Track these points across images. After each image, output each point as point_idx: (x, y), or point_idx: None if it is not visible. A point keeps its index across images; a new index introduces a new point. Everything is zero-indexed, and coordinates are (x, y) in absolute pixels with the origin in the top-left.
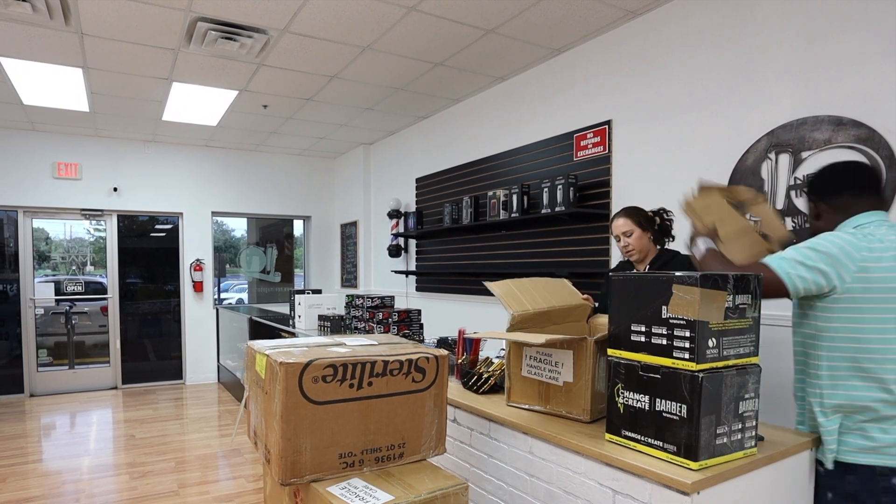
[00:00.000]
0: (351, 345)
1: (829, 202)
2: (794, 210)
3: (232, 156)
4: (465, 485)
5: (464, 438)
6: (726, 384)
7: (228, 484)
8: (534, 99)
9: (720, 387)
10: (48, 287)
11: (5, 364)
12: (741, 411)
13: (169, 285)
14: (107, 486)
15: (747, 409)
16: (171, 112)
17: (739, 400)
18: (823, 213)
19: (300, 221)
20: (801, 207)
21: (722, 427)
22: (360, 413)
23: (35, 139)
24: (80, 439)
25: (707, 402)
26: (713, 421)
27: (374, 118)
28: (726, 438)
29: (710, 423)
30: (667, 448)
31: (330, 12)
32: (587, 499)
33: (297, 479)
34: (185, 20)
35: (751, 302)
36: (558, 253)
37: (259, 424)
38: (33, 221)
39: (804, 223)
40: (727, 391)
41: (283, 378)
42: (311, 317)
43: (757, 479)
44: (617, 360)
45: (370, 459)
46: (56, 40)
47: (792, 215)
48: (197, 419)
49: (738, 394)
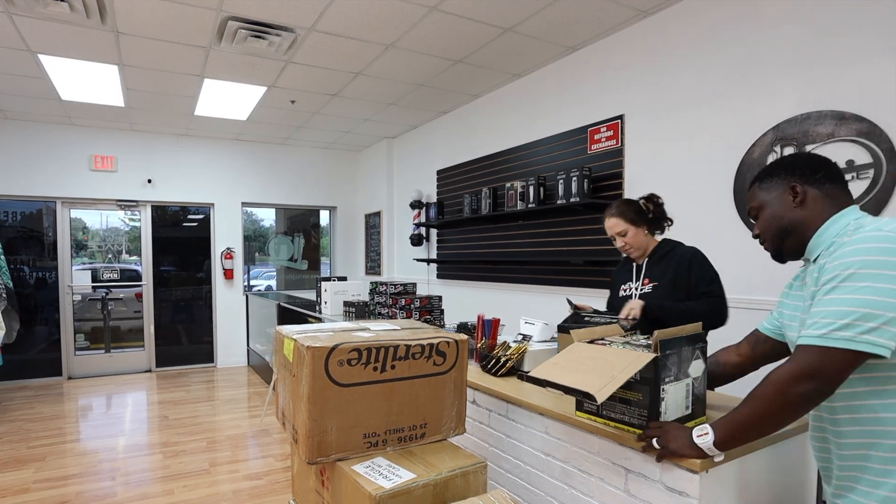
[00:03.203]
0: (375, 329)
1: (819, 188)
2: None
3: (261, 149)
4: (484, 463)
5: (483, 419)
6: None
7: (257, 463)
8: (549, 94)
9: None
10: (85, 274)
11: (45, 348)
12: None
13: (200, 273)
14: (141, 465)
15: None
16: (202, 107)
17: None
18: (811, 200)
19: (326, 211)
20: None
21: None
22: (384, 395)
23: (73, 133)
24: (115, 420)
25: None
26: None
27: (397, 113)
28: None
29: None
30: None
31: (355, 11)
32: (601, 477)
33: (323, 458)
34: (217, 19)
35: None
36: (573, 242)
37: (287, 406)
38: (71, 212)
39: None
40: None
41: (310, 361)
42: (337, 303)
43: (762, 457)
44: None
45: (393, 439)
46: (92, 38)
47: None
48: (227, 401)
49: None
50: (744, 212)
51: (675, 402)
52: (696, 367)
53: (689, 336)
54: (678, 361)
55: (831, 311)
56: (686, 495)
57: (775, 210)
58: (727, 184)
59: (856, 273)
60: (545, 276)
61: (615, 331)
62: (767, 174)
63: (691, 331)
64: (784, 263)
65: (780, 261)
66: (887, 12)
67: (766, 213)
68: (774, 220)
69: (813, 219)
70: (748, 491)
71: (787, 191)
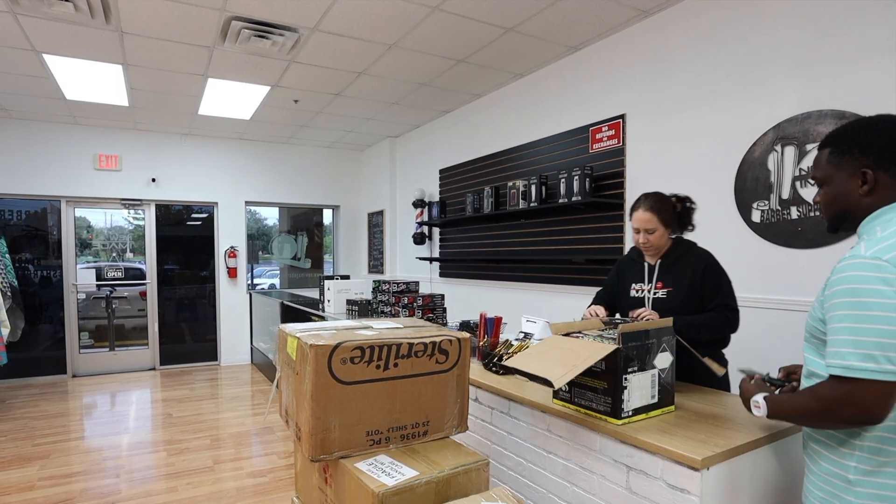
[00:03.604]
0: (378, 328)
1: (891, 172)
2: (798, 200)
3: (264, 148)
4: (487, 461)
5: (485, 417)
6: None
7: (261, 460)
8: (551, 94)
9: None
10: (90, 273)
11: (49, 346)
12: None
13: (204, 271)
14: (145, 462)
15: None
16: (206, 106)
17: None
18: (881, 188)
19: (329, 210)
20: (805, 197)
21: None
22: (387, 393)
23: (77, 132)
24: (119, 418)
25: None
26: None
27: (400, 112)
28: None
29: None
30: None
31: (358, 11)
32: (602, 474)
33: (326, 456)
34: (220, 19)
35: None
36: (575, 240)
37: (290, 403)
38: (75, 211)
39: (808, 212)
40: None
41: (313, 359)
42: (340, 301)
43: (761, 455)
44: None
45: (396, 437)
46: (97, 38)
47: (797, 205)
48: (231, 399)
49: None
50: (744, 210)
51: (640, 391)
52: (662, 359)
53: (655, 330)
54: (642, 353)
55: (847, 341)
56: (687, 492)
57: (840, 191)
58: (728, 183)
59: (848, 301)
60: (547, 274)
61: (595, 324)
62: (842, 144)
63: (659, 325)
64: (836, 233)
65: (832, 232)
66: (887, 12)
67: (830, 189)
68: (836, 201)
69: (876, 208)
70: (748, 488)
71: (856, 174)
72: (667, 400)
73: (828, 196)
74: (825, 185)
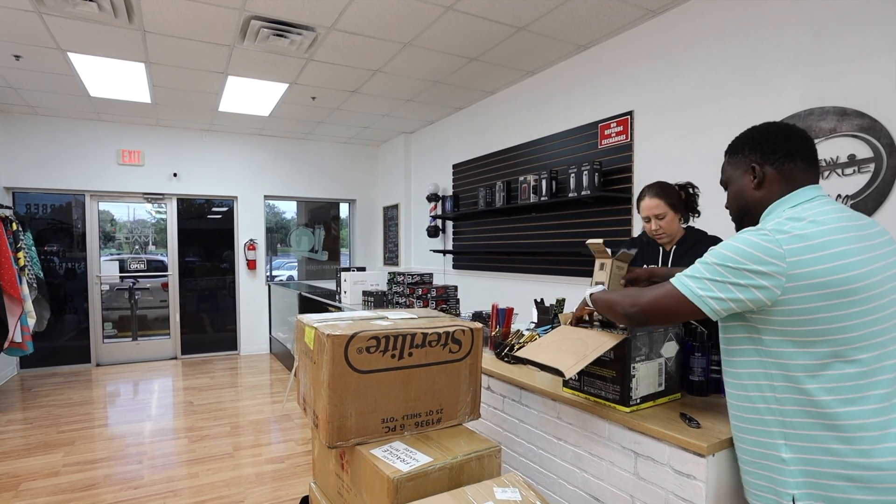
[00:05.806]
0: (393, 318)
1: (778, 168)
2: None
3: (283, 143)
4: (498, 448)
5: (497, 405)
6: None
7: (279, 447)
8: (561, 91)
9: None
10: (113, 265)
11: (74, 336)
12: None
13: (224, 263)
14: (167, 449)
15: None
16: (226, 103)
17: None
18: (768, 182)
19: (346, 204)
20: None
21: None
22: (402, 381)
23: (101, 129)
24: (142, 405)
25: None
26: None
27: (414, 109)
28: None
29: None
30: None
31: (373, 11)
32: (611, 460)
33: (342, 443)
34: (240, 18)
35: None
36: (584, 234)
37: (308, 392)
38: (99, 204)
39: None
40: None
41: (330, 349)
42: (356, 293)
43: None
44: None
45: (410, 424)
46: (120, 37)
47: None
48: (250, 387)
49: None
50: None
51: (647, 380)
52: (669, 348)
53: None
54: (649, 342)
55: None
56: (693, 478)
57: (738, 188)
58: None
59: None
60: (557, 266)
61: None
62: (735, 148)
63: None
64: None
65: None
66: (887, 11)
67: (731, 189)
68: (736, 198)
69: (769, 200)
70: None
71: (748, 170)
72: (673, 388)
73: (730, 196)
74: (729, 187)
